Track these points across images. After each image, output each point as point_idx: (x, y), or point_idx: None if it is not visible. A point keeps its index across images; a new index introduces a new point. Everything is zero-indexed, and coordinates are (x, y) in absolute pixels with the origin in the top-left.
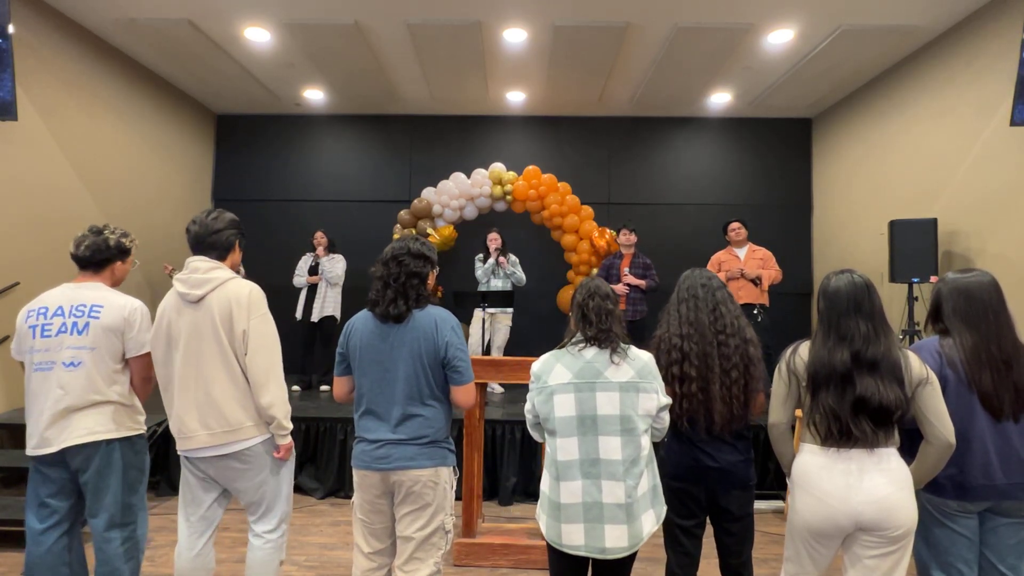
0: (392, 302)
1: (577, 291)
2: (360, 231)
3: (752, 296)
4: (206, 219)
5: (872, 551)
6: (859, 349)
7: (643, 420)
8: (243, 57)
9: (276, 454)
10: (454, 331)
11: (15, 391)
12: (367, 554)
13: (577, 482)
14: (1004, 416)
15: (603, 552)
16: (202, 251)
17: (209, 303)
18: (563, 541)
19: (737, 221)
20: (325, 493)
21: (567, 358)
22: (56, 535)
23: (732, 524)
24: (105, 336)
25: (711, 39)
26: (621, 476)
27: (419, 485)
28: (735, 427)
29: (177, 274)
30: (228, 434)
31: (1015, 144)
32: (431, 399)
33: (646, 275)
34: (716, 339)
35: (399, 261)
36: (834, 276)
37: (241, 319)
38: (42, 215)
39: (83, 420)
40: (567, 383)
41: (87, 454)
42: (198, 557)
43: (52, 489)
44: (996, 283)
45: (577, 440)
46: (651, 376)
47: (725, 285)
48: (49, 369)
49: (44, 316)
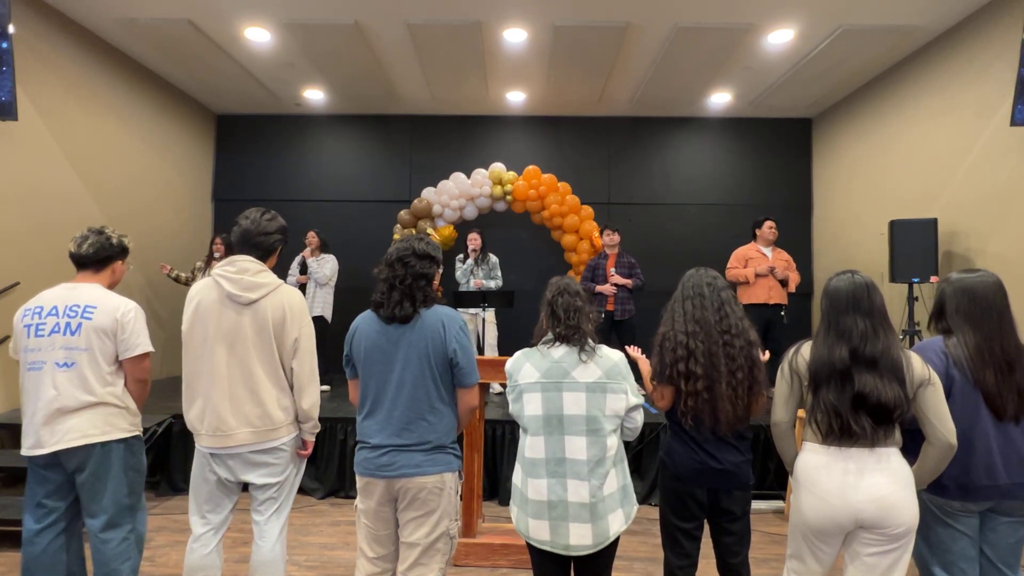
0: (399, 304)
1: (548, 289)
2: (360, 231)
3: (781, 296)
4: (260, 218)
5: (872, 548)
6: (857, 346)
7: (610, 421)
8: (243, 57)
9: (300, 451)
10: (462, 331)
11: (15, 391)
12: (371, 559)
13: (543, 480)
14: (1007, 417)
15: (567, 549)
16: (246, 249)
17: (263, 308)
18: (531, 534)
19: (772, 220)
20: (325, 493)
21: (536, 357)
22: (52, 535)
23: (732, 524)
24: (97, 337)
25: (711, 39)
26: (586, 476)
27: (424, 492)
28: (738, 428)
29: (217, 268)
30: (269, 432)
31: (1015, 144)
32: (438, 402)
33: (631, 274)
34: (722, 339)
35: (405, 263)
36: (836, 276)
37: (294, 328)
38: (42, 215)
39: (76, 422)
40: (535, 382)
41: (83, 456)
42: (210, 555)
43: (49, 489)
44: (1001, 284)
45: (544, 439)
46: (620, 376)
47: (730, 286)
48: (40, 368)
49: (39, 315)
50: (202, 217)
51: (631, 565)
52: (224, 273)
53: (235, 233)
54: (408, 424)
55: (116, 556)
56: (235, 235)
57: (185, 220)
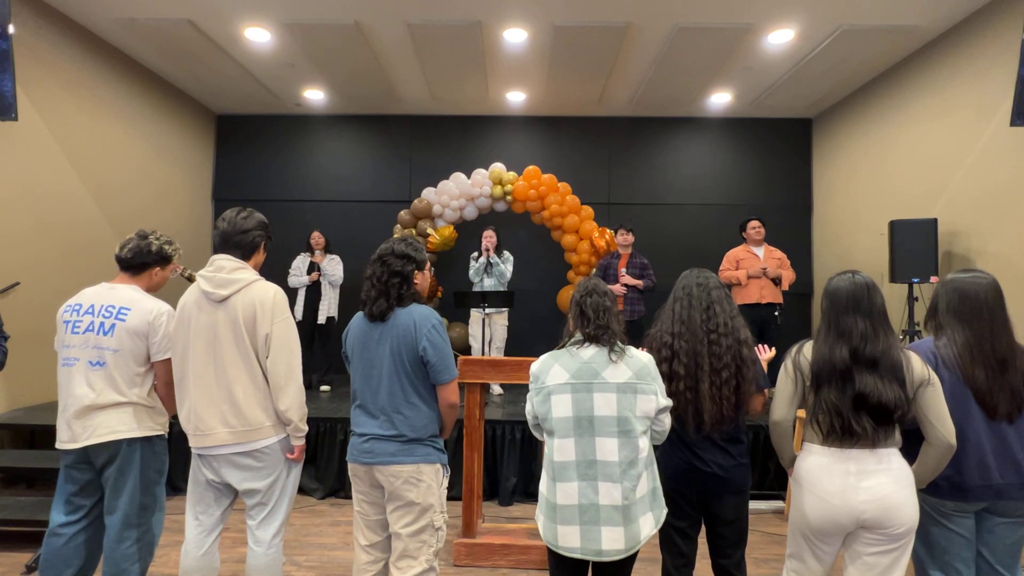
0: (375, 301)
1: (575, 290)
2: (360, 231)
3: (774, 296)
4: (236, 217)
5: (872, 548)
6: (857, 346)
7: (641, 422)
8: (243, 57)
9: (290, 455)
10: (434, 329)
11: (15, 391)
12: (364, 547)
13: (573, 483)
14: (999, 416)
15: (599, 555)
16: (227, 249)
17: (234, 304)
18: (559, 543)
19: (756, 219)
20: (325, 493)
21: (565, 358)
22: (75, 530)
23: (724, 528)
24: (129, 339)
25: (711, 39)
26: (618, 478)
27: (400, 481)
28: (726, 428)
29: (200, 271)
30: (248, 433)
31: (1015, 144)
32: (415, 396)
33: (643, 275)
34: (707, 337)
35: (383, 261)
36: (837, 276)
37: (265, 323)
38: (42, 215)
39: (105, 419)
40: (564, 383)
41: (110, 452)
42: (205, 556)
43: (77, 487)
44: (996, 284)
45: (574, 441)
46: (650, 377)
47: (723, 286)
48: (72, 365)
49: (77, 313)
50: (202, 217)
51: None
52: (203, 273)
53: (215, 235)
54: (387, 416)
55: (126, 557)
56: (215, 237)
57: (185, 220)
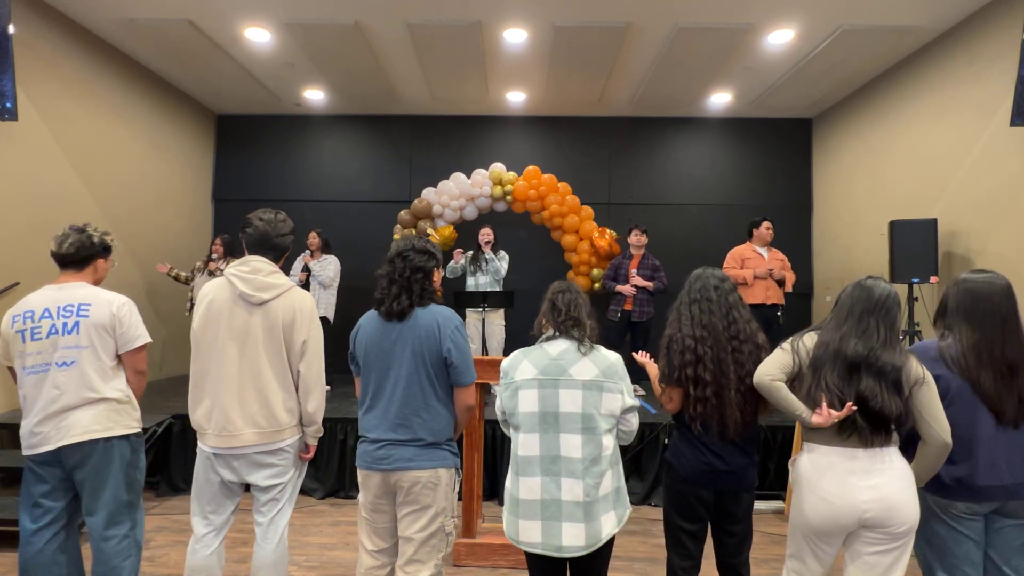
0: (396, 298)
1: (549, 289)
2: (360, 231)
3: (778, 296)
4: (275, 218)
5: (873, 547)
6: (873, 347)
7: (606, 420)
8: (243, 57)
9: (303, 454)
10: (457, 331)
11: (15, 391)
12: (371, 552)
13: (536, 478)
14: (1006, 421)
15: (560, 550)
16: (263, 251)
17: (274, 309)
18: (520, 538)
19: (769, 220)
20: (325, 493)
21: (535, 354)
22: (49, 535)
23: (735, 526)
24: (97, 333)
25: (711, 39)
26: (581, 474)
27: (418, 486)
28: (746, 432)
29: (231, 267)
30: (275, 433)
31: (1015, 144)
32: (433, 399)
33: (654, 277)
34: (730, 344)
35: (404, 257)
36: (870, 278)
37: (303, 329)
38: (42, 215)
39: (79, 418)
40: (531, 379)
41: (84, 452)
42: (213, 555)
43: (45, 489)
44: (1009, 288)
45: (538, 436)
46: (617, 377)
47: (736, 288)
48: (44, 371)
49: (31, 320)
50: (202, 217)
51: (631, 565)
52: (237, 272)
53: (251, 234)
54: (403, 420)
55: (117, 554)
56: (251, 236)
57: (185, 220)
